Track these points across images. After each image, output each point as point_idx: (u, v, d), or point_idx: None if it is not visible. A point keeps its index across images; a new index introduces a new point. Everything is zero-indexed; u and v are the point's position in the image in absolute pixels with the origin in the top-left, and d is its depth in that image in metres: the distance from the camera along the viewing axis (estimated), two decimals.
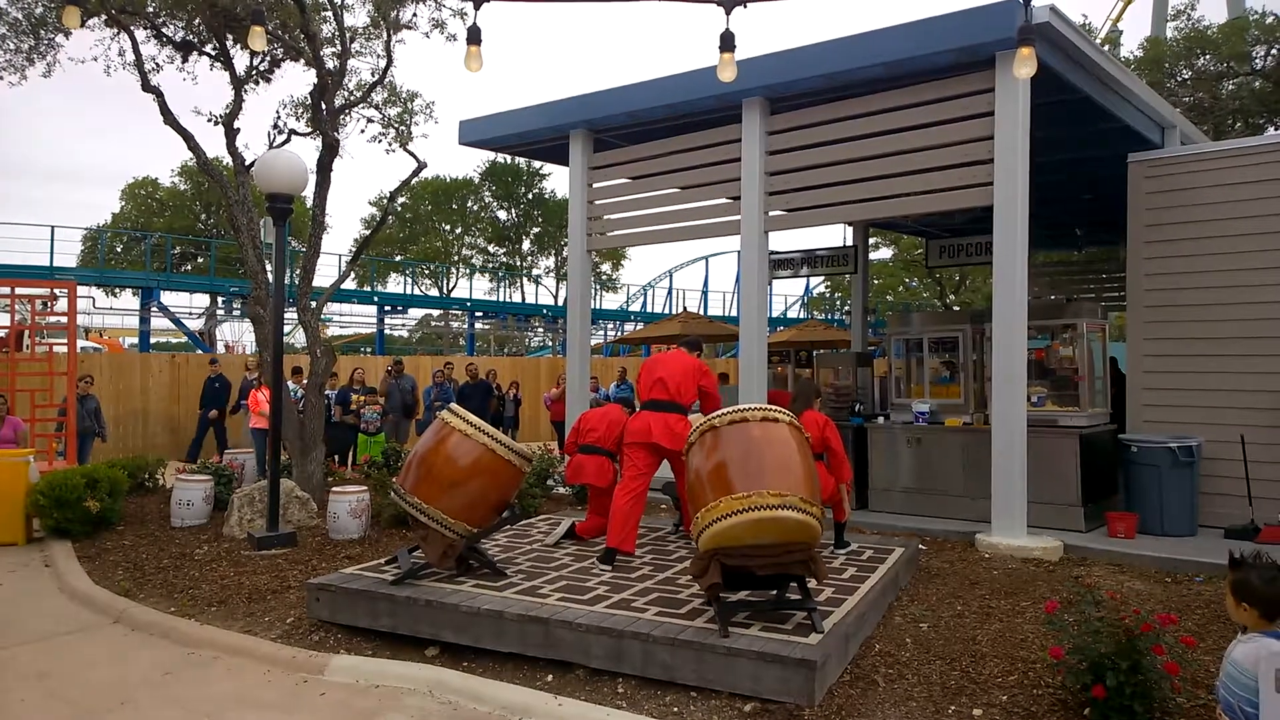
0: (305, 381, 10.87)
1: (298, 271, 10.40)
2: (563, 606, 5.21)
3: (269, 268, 9.87)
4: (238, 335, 36.13)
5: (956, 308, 35.39)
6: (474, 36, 5.78)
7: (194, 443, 14.62)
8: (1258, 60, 20.96)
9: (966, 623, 5.65)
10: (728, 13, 5.52)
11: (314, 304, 10.41)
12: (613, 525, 6.33)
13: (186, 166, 37.22)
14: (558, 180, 48.17)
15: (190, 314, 27.74)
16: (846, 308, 45.67)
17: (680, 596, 5.49)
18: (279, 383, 8.29)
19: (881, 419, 9.97)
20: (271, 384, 8.30)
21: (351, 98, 11.19)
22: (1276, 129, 21.55)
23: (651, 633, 4.75)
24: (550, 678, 4.93)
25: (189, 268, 35.38)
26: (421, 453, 5.92)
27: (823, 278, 36.56)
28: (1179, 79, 21.92)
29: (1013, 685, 4.65)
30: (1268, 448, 8.04)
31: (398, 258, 43.23)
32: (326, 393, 11.05)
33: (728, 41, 5.79)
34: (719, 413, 5.14)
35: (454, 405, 6.17)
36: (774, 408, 5.11)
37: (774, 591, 5.20)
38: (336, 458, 12.65)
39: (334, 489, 8.44)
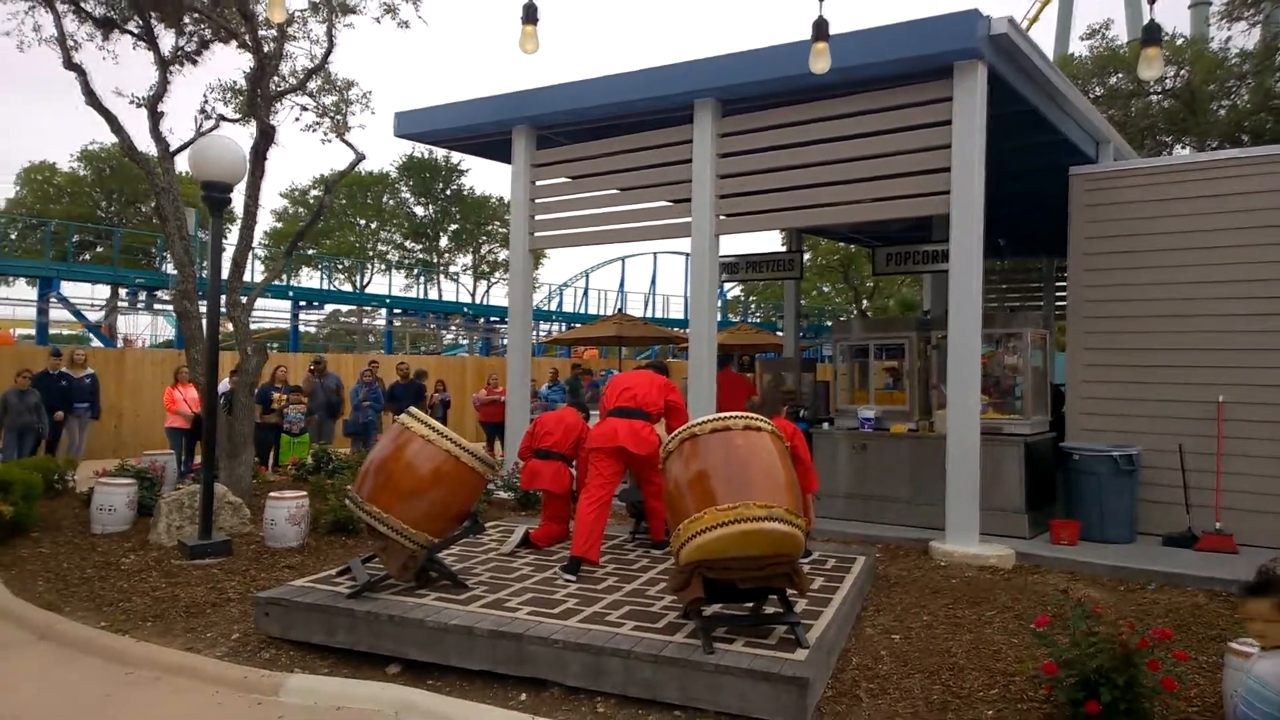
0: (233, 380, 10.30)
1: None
2: (535, 621, 4.99)
3: (198, 260, 9.32)
4: (139, 329, 34.34)
5: (870, 314, 36.14)
6: (530, 15, 5.57)
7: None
8: (1168, 80, 21.96)
9: (937, 634, 5.63)
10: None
11: (244, 299, 9.91)
12: (578, 533, 6.14)
13: (87, 151, 35.26)
14: (477, 177, 47.48)
15: (92, 305, 26.17)
16: (761, 311, 46.25)
17: (654, 610, 5.33)
18: (213, 381, 7.82)
19: (826, 425, 10.00)
20: (205, 383, 7.81)
21: (285, 84, 10.66)
22: (1184, 147, 22.65)
23: (633, 649, 4.58)
24: (524, 696, 4.72)
25: (87, 256, 33.49)
26: (380, 459, 5.63)
27: (738, 283, 36.88)
28: (1092, 95, 22.81)
29: (996, 699, 4.63)
30: (1203, 457, 8.27)
31: (310, 251, 41.84)
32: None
33: (821, 29, 5.60)
34: (698, 420, 5.01)
35: (413, 409, 5.88)
36: (755, 416, 5.01)
37: (750, 604, 5.09)
38: (257, 459, 12.04)
39: (271, 494, 7.99)
